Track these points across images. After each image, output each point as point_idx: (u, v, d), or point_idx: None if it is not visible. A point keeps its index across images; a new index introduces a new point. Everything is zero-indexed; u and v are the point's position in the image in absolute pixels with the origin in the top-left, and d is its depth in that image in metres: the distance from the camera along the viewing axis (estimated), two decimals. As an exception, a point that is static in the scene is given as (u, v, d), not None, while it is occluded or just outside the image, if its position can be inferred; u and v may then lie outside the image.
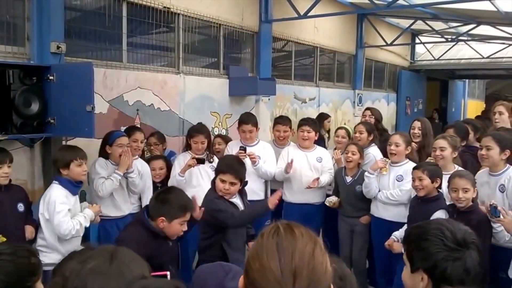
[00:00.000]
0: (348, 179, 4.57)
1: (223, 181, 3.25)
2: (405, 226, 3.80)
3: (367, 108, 6.21)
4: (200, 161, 4.34)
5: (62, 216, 3.32)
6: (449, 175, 3.55)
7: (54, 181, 3.46)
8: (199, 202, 4.04)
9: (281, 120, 5.13)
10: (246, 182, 3.46)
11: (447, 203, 3.58)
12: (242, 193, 3.41)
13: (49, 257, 3.41)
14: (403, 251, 3.52)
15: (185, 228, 2.76)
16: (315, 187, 4.62)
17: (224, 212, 3.20)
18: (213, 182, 3.37)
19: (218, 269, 1.63)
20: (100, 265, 1.15)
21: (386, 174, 4.27)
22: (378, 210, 4.35)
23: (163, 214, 2.68)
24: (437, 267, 1.56)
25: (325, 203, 4.66)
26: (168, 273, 1.65)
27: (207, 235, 3.31)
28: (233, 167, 3.27)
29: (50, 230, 3.36)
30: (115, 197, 3.99)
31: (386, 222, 4.27)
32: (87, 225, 3.50)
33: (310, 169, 4.72)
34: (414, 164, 4.25)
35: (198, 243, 4.43)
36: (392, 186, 4.23)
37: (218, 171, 3.33)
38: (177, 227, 2.71)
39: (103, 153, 4.03)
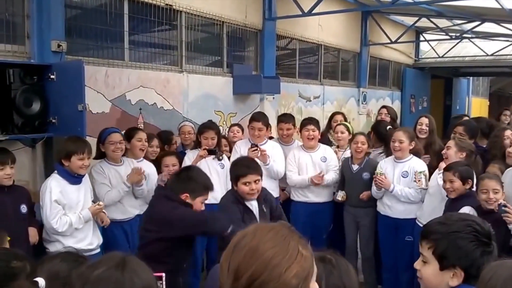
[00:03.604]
0: (355, 167, 4.58)
1: (247, 183, 3.15)
2: None
3: (384, 106, 6.14)
4: (212, 152, 4.35)
5: (50, 210, 3.30)
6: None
7: (54, 171, 3.47)
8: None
9: (283, 118, 5.07)
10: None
11: None
12: (260, 199, 3.29)
13: (54, 246, 3.41)
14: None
15: (203, 207, 2.82)
16: (320, 184, 4.54)
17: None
18: (233, 188, 3.28)
19: None
20: (112, 272, 1.12)
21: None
22: (385, 208, 4.38)
23: (187, 191, 2.73)
24: (475, 264, 1.54)
25: (335, 199, 4.63)
26: (163, 275, 1.62)
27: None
28: (251, 167, 3.22)
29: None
30: (122, 201, 3.90)
31: (393, 220, 4.32)
32: (80, 226, 3.42)
33: (315, 169, 4.64)
34: (418, 160, 4.31)
35: (206, 243, 4.42)
36: (397, 182, 4.25)
37: (237, 176, 3.18)
38: (199, 205, 2.79)
39: (99, 153, 3.96)
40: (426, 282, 1.63)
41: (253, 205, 3.23)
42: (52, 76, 3.82)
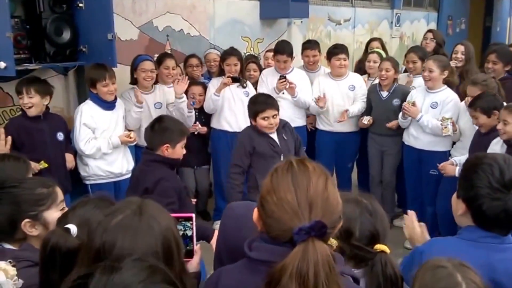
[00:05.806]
0: (384, 93, 4.49)
1: (265, 118, 3.36)
2: (467, 155, 3.71)
3: (430, 30, 5.83)
4: (235, 80, 4.37)
5: (79, 132, 3.52)
6: None
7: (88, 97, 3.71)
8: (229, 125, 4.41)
9: (309, 45, 4.99)
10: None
11: None
12: (279, 129, 3.51)
13: (84, 169, 3.66)
14: (456, 175, 3.36)
15: (184, 151, 2.85)
16: (345, 119, 4.56)
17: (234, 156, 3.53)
18: (251, 123, 3.51)
19: None
20: (129, 219, 1.13)
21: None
22: (409, 138, 4.33)
23: (166, 141, 2.73)
24: (475, 201, 1.59)
25: (360, 124, 4.60)
26: (193, 215, 1.61)
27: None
28: (268, 102, 3.40)
29: None
30: None
31: (417, 151, 4.29)
32: (108, 151, 3.62)
33: (341, 98, 4.63)
34: (451, 92, 4.14)
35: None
36: (425, 112, 4.14)
37: (256, 112, 3.40)
38: (180, 151, 2.79)
39: (133, 79, 4.10)
40: (452, 204, 1.74)
41: (274, 136, 3.49)
42: (80, 5, 3.81)
